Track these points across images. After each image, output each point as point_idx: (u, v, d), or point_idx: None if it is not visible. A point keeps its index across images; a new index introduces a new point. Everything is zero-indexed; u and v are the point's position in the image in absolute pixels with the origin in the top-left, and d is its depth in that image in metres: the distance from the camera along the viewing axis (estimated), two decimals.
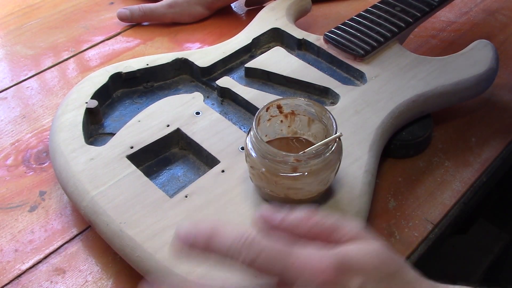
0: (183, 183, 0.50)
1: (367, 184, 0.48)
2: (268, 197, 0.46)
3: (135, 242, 0.43)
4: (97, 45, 0.72)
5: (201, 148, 0.51)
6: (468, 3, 0.80)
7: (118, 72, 0.58)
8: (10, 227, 0.50)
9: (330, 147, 0.43)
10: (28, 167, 0.56)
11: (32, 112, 0.62)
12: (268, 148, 0.42)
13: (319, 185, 0.44)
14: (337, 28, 0.62)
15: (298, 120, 0.48)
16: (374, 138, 0.51)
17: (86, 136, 0.52)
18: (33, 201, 0.52)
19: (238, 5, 0.79)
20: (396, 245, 0.49)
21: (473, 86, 0.57)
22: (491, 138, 0.59)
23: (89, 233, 0.50)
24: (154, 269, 0.42)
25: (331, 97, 0.58)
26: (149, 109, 0.55)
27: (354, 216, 0.45)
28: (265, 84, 0.60)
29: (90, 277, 0.46)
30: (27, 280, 0.46)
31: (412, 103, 0.55)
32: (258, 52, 0.64)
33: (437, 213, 0.52)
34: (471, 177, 0.55)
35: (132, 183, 0.47)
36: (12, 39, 0.73)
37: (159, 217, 0.45)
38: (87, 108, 0.54)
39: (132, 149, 0.50)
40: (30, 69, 0.68)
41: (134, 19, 0.74)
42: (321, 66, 0.62)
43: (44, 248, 0.48)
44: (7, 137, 0.59)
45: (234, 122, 0.55)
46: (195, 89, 0.60)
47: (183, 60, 0.61)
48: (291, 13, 0.68)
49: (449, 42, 0.73)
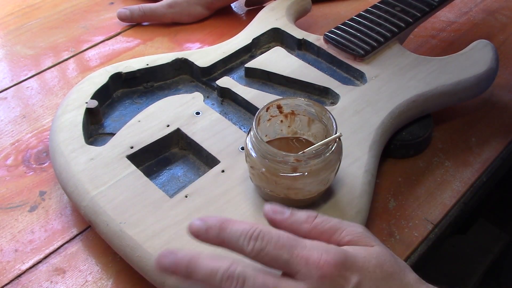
0: (183, 183, 0.50)
1: (367, 184, 0.48)
2: (268, 197, 0.46)
3: (135, 242, 0.43)
4: (97, 45, 0.72)
5: (201, 148, 0.51)
6: (468, 3, 0.80)
7: (118, 72, 0.58)
8: (10, 227, 0.50)
9: (330, 147, 0.43)
10: (28, 167, 0.56)
11: (32, 112, 0.62)
12: (268, 148, 0.42)
13: (319, 185, 0.44)
14: (337, 28, 0.62)
15: (298, 120, 0.48)
16: (374, 138, 0.51)
17: (86, 136, 0.52)
18: (33, 201, 0.52)
19: (238, 5, 0.79)
20: (396, 245, 0.49)
21: (473, 86, 0.57)
22: (491, 138, 0.59)
23: (89, 233, 0.50)
24: (154, 269, 0.42)
25: (331, 97, 0.58)
26: (149, 109, 0.55)
27: (354, 216, 0.45)
28: (265, 84, 0.60)
29: (90, 277, 0.46)
30: (27, 280, 0.46)
31: (412, 103, 0.55)
32: (258, 52, 0.64)
33: (437, 213, 0.52)
34: (471, 177, 0.55)
35: (132, 183, 0.47)
36: (12, 39, 0.73)
37: (159, 217, 0.45)
38: (87, 108, 0.54)
39: (132, 149, 0.50)
40: (30, 69, 0.68)
41: (134, 19, 0.74)
42: (321, 66, 0.62)
43: (44, 248, 0.48)
44: (7, 137, 0.59)
45: (234, 122, 0.55)
46: (195, 89, 0.60)
47: (183, 60, 0.61)
48: (291, 13, 0.68)
49: (449, 42, 0.73)
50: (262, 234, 0.35)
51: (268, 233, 0.36)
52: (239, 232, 0.36)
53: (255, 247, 0.35)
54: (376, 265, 0.36)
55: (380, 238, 0.49)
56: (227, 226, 0.36)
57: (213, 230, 0.36)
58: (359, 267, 0.35)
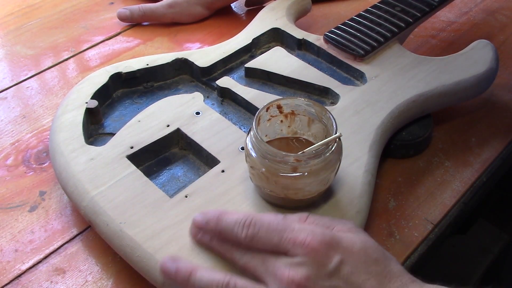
0: (183, 183, 0.50)
1: (367, 184, 0.48)
2: (268, 197, 0.46)
3: (135, 242, 0.43)
4: (97, 45, 0.72)
5: (201, 148, 0.51)
6: (468, 3, 0.80)
7: (118, 72, 0.58)
8: (10, 227, 0.50)
9: (330, 147, 0.43)
10: (28, 167, 0.56)
11: (32, 112, 0.62)
12: (268, 148, 0.42)
13: (319, 185, 0.44)
14: (337, 28, 0.62)
15: (298, 120, 0.48)
16: (374, 138, 0.51)
17: (86, 136, 0.52)
18: (33, 201, 0.52)
19: (238, 5, 0.79)
20: (396, 245, 0.49)
21: (473, 86, 0.57)
22: (491, 138, 0.59)
23: (89, 233, 0.50)
24: (154, 269, 0.42)
25: (331, 97, 0.58)
26: (149, 109, 0.55)
27: (354, 216, 0.45)
28: (265, 84, 0.60)
29: (90, 277, 0.46)
30: (27, 280, 0.46)
31: (412, 103, 0.55)
32: (258, 52, 0.64)
33: (437, 213, 0.52)
34: (471, 177, 0.55)
35: (132, 183, 0.47)
36: (12, 39, 0.73)
37: (159, 217, 0.45)
38: (87, 108, 0.54)
39: (132, 149, 0.50)
40: (30, 69, 0.68)
41: (134, 19, 0.74)
42: (321, 66, 0.62)
43: (44, 248, 0.48)
44: (7, 137, 0.59)
45: (234, 122, 0.55)
46: (195, 89, 0.60)
47: (183, 60, 0.61)
48: (291, 13, 0.68)
49: (449, 42, 0.73)
50: (254, 221, 0.40)
51: (259, 220, 0.40)
52: (234, 221, 0.40)
53: (249, 234, 0.39)
54: (361, 249, 0.38)
55: (380, 238, 0.49)
56: (223, 218, 0.41)
57: (212, 222, 0.41)
58: (344, 248, 0.38)
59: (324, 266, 0.37)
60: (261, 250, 0.39)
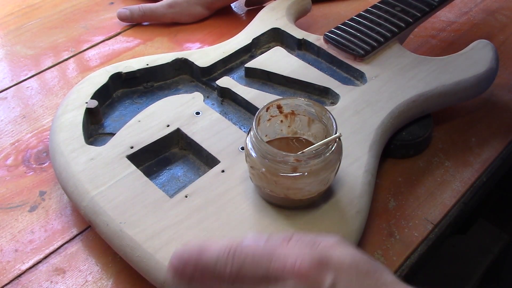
0: (183, 183, 0.50)
1: (367, 184, 0.48)
2: (268, 197, 0.46)
3: (135, 242, 0.43)
4: (97, 45, 0.72)
5: (201, 148, 0.51)
6: (468, 3, 0.80)
7: (118, 72, 0.58)
8: (10, 227, 0.50)
9: (330, 147, 0.43)
10: (28, 167, 0.56)
11: (32, 112, 0.62)
12: (268, 148, 0.42)
13: (319, 185, 0.44)
14: (337, 28, 0.62)
15: (298, 120, 0.48)
16: (374, 138, 0.51)
17: (86, 136, 0.52)
18: (33, 201, 0.52)
19: (238, 5, 0.79)
20: (396, 245, 0.49)
21: (473, 86, 0.57)
22: (491, 138, 0.59)
23: (89, 233, 0.50)
24: (154, 269, 0.42)
25: (331, 97, 0.58)
26: (149, 109, 0.55)
27: (354, 216, 0.45)
28: (265, 84, 0.60)
29: (90, 277, 0.46)
30: (27, 280, 0.46)
31: (412, 103, 0.55)
32: (258, 52, 0.64)
33: (437, 213, 0.52)
34: (471, 177, 0.55)
35: (132, 183, 0.47)
36: (12, 39, 0.73)
37: (159, 217, 0.45)
38: (87, 108, 0.54)
39: (132, 149, 0.50)
40: (30, 69, 0.68)
41: (134, 19, 0.74)
42: (321, 66, 0.62)
43: (44, 248, 0.48)
44: (7, 137, 0.59)
45: (234, 122, 0.55)
46: (195, 89, 0.60)
47: (183, 60, 0.61)
48: (291, 13, 0.68)
49: (449, 42, 0.73)
50: (237, 253, 0.36)
51: (242, 250, 0.36)
52: (215, 258, 0.36)
53: (233, 269, 0.35)
54: (351, 264, 0.36)
55: (380, 238, 0.49)
56: (201, 256, 0.36)
57: (190, 264, 0.36)
58: (334, 266, 0.36)
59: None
60: (248, 283, 0.36)
